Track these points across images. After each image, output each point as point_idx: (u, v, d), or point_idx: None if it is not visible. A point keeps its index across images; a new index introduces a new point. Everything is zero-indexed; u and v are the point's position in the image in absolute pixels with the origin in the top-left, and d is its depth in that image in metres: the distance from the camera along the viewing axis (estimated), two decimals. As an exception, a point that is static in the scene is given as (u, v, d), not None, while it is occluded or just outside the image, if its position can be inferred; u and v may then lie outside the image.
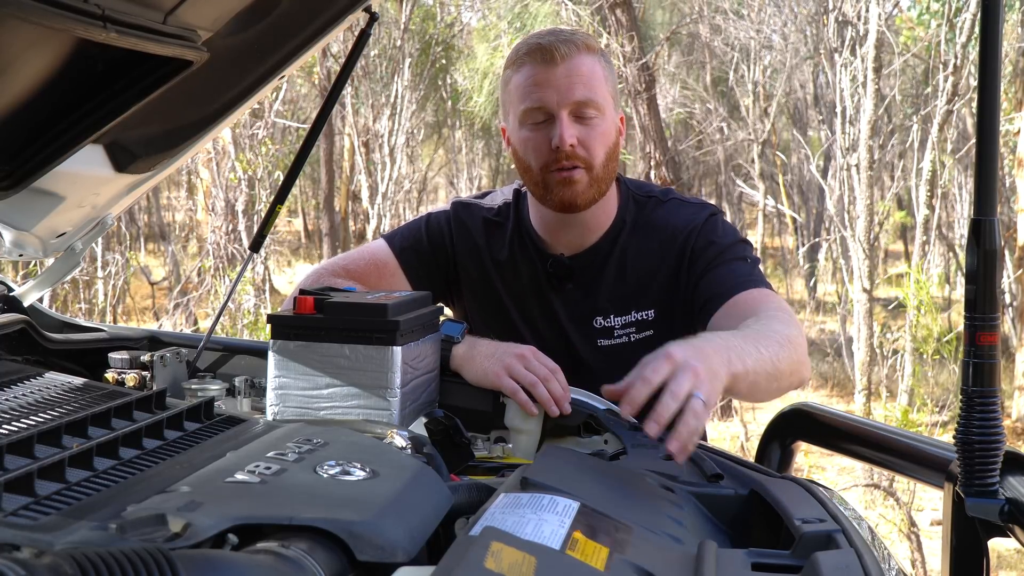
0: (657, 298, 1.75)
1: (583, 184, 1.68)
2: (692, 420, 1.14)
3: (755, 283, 1.65)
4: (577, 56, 1.66)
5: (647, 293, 1.75)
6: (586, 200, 1.71)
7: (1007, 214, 10.19)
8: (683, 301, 1.74)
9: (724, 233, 1.74)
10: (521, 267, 1.81)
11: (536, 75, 1.66)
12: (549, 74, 1.65)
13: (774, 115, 13.73)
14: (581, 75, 1.66)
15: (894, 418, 6.83)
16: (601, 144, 1.68)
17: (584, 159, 1.67)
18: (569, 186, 1.68)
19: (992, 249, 1.07)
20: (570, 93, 1.65)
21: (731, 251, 1.72)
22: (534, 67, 1.67)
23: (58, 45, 1.22)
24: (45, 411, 1.18)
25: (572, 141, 1.65)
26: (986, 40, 1.06)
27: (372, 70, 10.62)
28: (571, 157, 1.66)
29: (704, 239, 1.73)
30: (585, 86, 1.66)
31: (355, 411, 1.37)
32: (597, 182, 1.70)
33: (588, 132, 1.67)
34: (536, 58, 1.66)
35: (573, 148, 1.65)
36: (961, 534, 1.14)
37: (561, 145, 1.65)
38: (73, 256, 1.81)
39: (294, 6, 1.55)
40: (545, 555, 0.80)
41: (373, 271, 1.83)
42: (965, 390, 1.08)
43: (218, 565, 0.70)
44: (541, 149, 1.68)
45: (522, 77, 1.69)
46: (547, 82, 1.66)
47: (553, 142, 1.65)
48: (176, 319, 8.82)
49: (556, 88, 1.65)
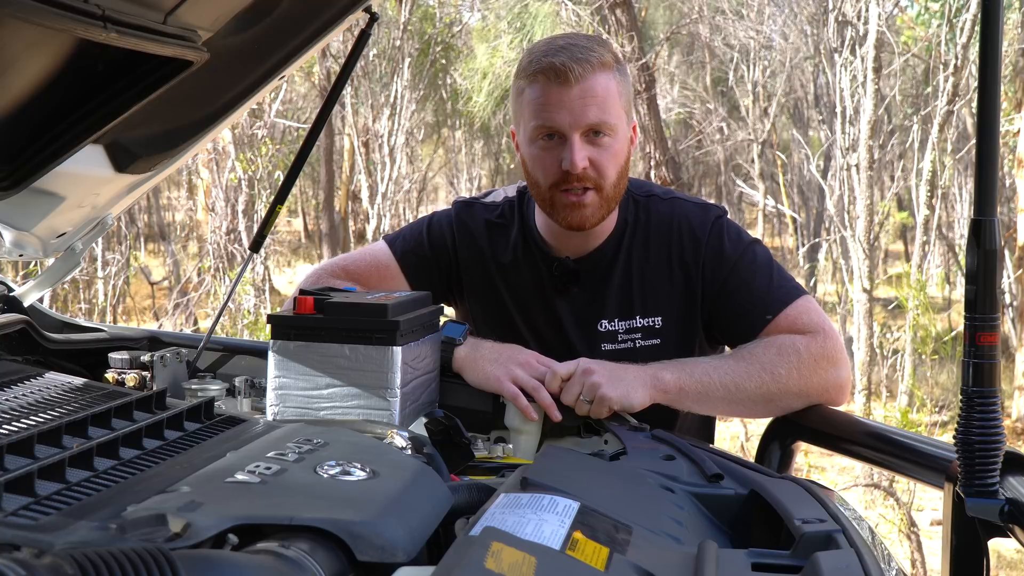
0: (665, 307, 1.74)
1: (593, 207, 1.67)
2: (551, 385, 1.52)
3: (779, 302, 1.66)
4: (591, 77, 1.62)
5: (654, 300, 1.74)
6: (594, 222, 1.70)
7: (1007, 214, 10.19)
8: (699, 315, 1.74)
9: (732, 240, 1.73)
10: (525, 270, 1.80)
11: (549, 95, 1.63)
12: (562, 95, 1.62)
13: (774, 115, 13.72)
14: (596, 96, 1.63)
15: (894, 418, 6.83)
16: (613, 165, 1.67)
17: (595, 180, 1.66)
18: (578, 209, 1.67)
19: (992, 249, 1.07)
20: (583, 117, 1.62)
21: (743, 261, 1.71)
22: (547, 86, 1.63)
23: (58, 45, 1.22)
24: (45, 411, 1.18)
25: (583, 164, 1.63)
26: (986, 40, 1.06)
27: (372, 70, 10.62)
28: (581, 179, 1.65)
29: (713, 251, 1.72)
30: (599, 108, 1.63)
31: (355, 411, 1.37)
32: (607, 202, 1.69)
33: (600, 153, 1.65)
34: (550, 76, 1.63)
35: (585, 171, 1.64)
36: (961, 534, 1.14)
37: (572, 169, 1.63)
38: (73, 256, 1.81)
39: (294, 6, 1.55)
40: (545, 555, 0.80)
41: (374, 273, 1.83)
42: (965, 390, 1.08)
43: (218, 565, 0.70)
44: (550, 169, 1.66)
45: (535, 93, 1.65)
46: (560, 103, 1.62)
47: (564, 164, 1.64)
48: (176, 319, 8.82)
49: (569, 110, 1.62)
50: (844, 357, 1.62)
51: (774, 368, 1.56)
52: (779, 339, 1.61)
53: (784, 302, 1.66)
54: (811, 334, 1.61)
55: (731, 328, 1.71)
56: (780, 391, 1.57)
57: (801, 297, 1.67)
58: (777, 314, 1.65)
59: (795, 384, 1.57)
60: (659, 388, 1.54)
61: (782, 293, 1.67)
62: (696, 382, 1.55)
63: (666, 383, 1.54)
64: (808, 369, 1.57)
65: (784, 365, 1.57)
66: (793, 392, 1.57)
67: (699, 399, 1.57)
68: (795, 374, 1.56)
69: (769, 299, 1.67)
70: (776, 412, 1.62)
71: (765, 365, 1.57)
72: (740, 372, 1.57)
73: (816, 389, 1.58)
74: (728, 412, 1.68)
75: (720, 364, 1.59)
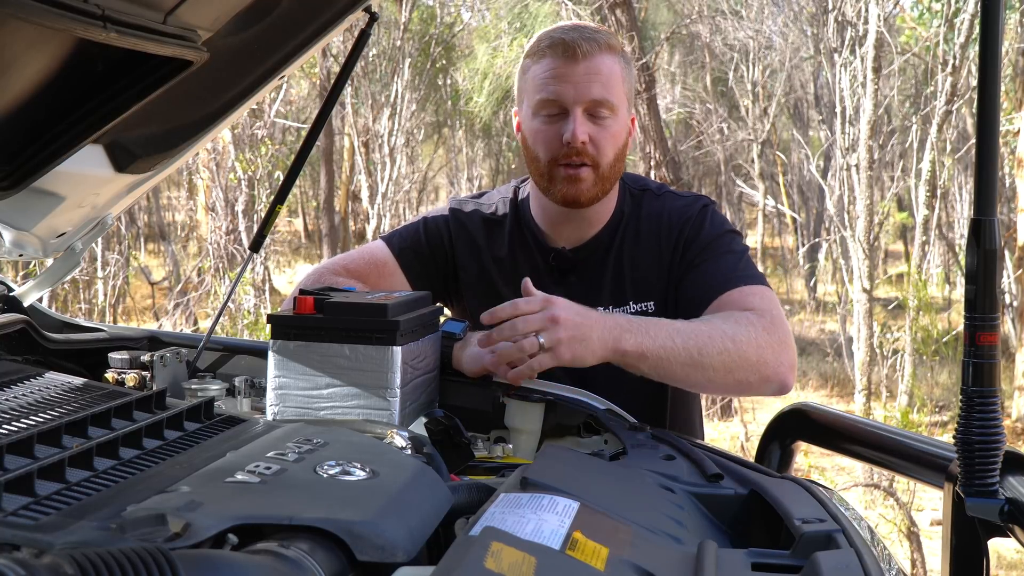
0: (656, 289, 1.76)
1: (588, 182, 1.70)
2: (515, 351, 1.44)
3: (740, 280, 1.66)
4: (599, 55, 1.67)
5: (646, 284, 1.76)
6: (589, 198, 1.72)
7: (1007, 214, 10.20)
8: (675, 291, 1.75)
9: (712, 224, 1.75)
10: (521, 262, 1.81)
11: (556, 68, 1.67)
12: (568, 69, 1.66)
13: (774, 115, 13.73)
14: (600, 74, 1.66)
15: (894, 418, 6.83)
16: (611, 144, 1.70)
17: (593, 157, 1.68)
18: (574, 183, 1.69)
19: (992, 249, 1.07)
20: (587, 91, 1.66)
21: (718, 243, 1.73)
22: (555, 60, 1.67)
23: (58, 45, 1.22)
24: (45, 411, 1.18)
25: (584, 138, 1.66)
26: (986, 40, 1.06)
27: (372, 70, 10.62)
28: (580, 154, 1.67)
29: (693, 230, 1.74)
30: (603, 85, 1.66)
31: (355, 411, 1.37)
32: (602, 181, 1.71)
33: (600, 131, 1.68)
34: (558, 52, 1.67)
35: (584, 145, 1.66)
36: (961, 534, 1.14)
37: (572, 141, 1.66)
38: (73, 256, 1.81)
39: (294, 6, 1.55)
40: (545, 555, 0.80)
41: (373, 271, 1.84)
42: (965, 390, 1.08)
43: (218, 565, 0.70)
44: (551, 142, 1.69)
45: (541, 68, 1.69)
46: (565, 77, 1.66)
47: (564, 136, 1.66)
48: (176, 319, 8.82)
49: (574, 84, 1.66)
50: (793, 344, 1.60)
51: (735, 334, 1.53)
52: (735, 313, 1.59)
53: (743, 281, 1.65)
54: (760, 312, 1.59)
55: (687, 298, 1.70)
56: (740, 360, 1.52)
57: (760, 285, 1.67)
58: (731, 289, 1.64)
59: (753, 354, 1.53)
60: (618, 352, 1.49)
61: (744, 276, 1.67)
62: (659, 347, 1.50)
63: (626, 349, 1.49)
64: (763, 340, 1.55)
65: (743, 333, 1.54)
66: (751, 362, 1.53)
67: (658, 364, 1.51)
68: (753, 344, 1.54)
69: (730, 277, 1.66)
70: (732, 387, 1.57)
71: (726, 331, 1.54)
72: (702, 336, 1.53)
73: (771, 364, 1.55)
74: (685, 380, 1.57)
75: (683, 327, 1.55)
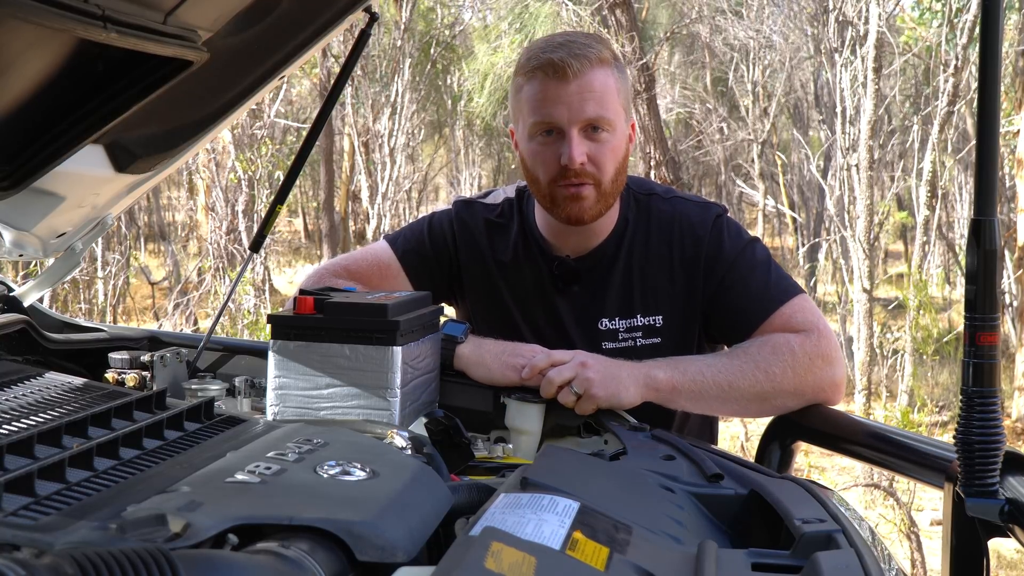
0: (666, 305, 1.74)
1: (591, 200, 1.68)
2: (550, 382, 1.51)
3: (776, 299, 1.66)
4: (590, 71, 1.64)
5: (655, 298, 1.75)
6: (593, 215, 1.70)
7: (1007, 214, 10.19)
8: (699, 313, 1.74)
9: (731, 237, 1.73)
10: (525, 269, 1.81)
11: (547, 90, 1.64)
12: (560, 90, 1.63)
13: (774, 115, 13.72)
14: (593, 91, 1.64)
15: (894, 418, 6.83)
16: (611, 160, 1.67)
17: (593, 175, 1.66)
18: (577, 202, 1.68)
19: (992, 249, 1.07)
20: (581, 111, 1.63)
21: (743, 259, 1.71)
22: (546, 82, 1.64)
23: (58, 45, 1.22)
24: (45, 411, 1.18)
25: (582, 159, 1.64)
26: (986, 41, 1.06)
27: (372, 70, 10.62)
28: (580, 175, 1.65)
29: (713, 247, 1.72)
30: (597, 103, 1.64)
31: (355, 411, 1.37)
32: (605, 196, 1.70)
33: (598, 148, 1.66)
34: (548, 72, 1.64)
35: (583, 165, 1.65)
36: (961, 534, 1.14)
37: (570, 164, 1.64)
38: (73, 256, 1.81)
39: (294, 6, 1.55)
40: (545, 555, 0.80)
41: (375, 272, 1.83)
42: (965, 390, 1.08)
43: (218, 565, 0.69)
44: (550, 164, 1.67)
45: (533, 90, 1.67)
46: (558, 98, 1.64)
47: (562, 160, 1.65)
48: (176, 319, 8.82)
49: (567, 105, 1.63)
50: (839, 356, 1.62)
51: (768, 366, 1.56)
52: (773, 338, 1.61)
53: (780, 300, 1.66)
54: (805, 332, 1.61)
55: (727, 325, 1.71)
56: (774, 390, 1.56)
57: (797, 296, 1.67)
58: (772, 312, 1.65)
59: (790, 383, 1.57)
60: (651, 387, 1.54)
61: (779, 291, 1.67)
62: (689, 381, 1.55)
63: (659, 382, 1.54)
64: (803, 367, 1.57)
65: (778, 364, 1.57)
66: (788, 391, 1.57)
67: (692, 398, 1.56)
68: (790, 372, 1.56)
69: (766, 297, 1.67)
70: (771, 411, 1.62)
71: (759, 363, 1.57)
72: (734, 370, 1.57)
73: (811, 388, 1.58)
74: (722, 411, 1.67)
75: (714, 362, 1.59)
